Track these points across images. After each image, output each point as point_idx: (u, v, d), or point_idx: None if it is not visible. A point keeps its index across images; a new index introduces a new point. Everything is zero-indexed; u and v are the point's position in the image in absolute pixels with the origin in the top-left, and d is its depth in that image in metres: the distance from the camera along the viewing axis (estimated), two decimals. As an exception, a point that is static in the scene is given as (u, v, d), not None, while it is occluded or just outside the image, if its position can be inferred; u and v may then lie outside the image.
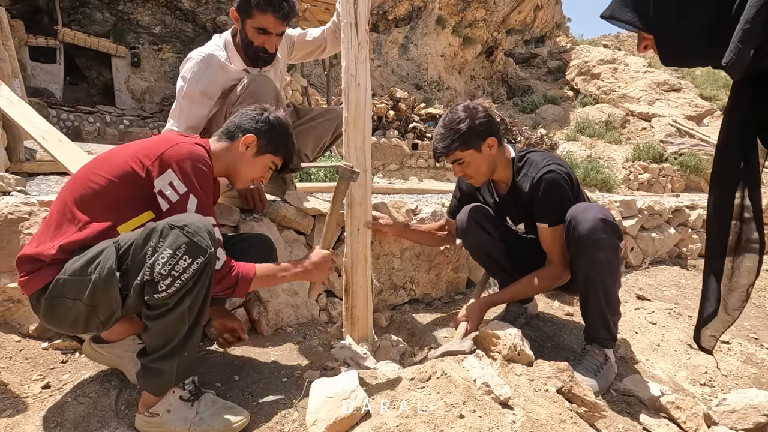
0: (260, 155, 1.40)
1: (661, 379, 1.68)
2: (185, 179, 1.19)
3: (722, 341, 1.97)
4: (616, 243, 1.56)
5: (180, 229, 1.05)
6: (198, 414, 1.19)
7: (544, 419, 1.19)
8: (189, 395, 1.21)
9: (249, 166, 1.40)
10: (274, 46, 1.83)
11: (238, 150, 1.37)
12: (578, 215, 1.56)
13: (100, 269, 1.07)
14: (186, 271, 1.04)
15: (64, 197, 1.20)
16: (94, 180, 1.19)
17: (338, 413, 1.18)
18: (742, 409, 1.34)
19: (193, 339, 1.16)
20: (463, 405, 1.18)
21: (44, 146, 1.88)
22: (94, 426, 1.20)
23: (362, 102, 1.70)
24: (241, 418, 1.20)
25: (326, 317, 1.95)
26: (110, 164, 1.21)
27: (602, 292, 1.57)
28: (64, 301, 1.12)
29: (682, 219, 3.53)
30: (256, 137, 1.38)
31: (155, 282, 1.03)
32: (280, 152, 1.44)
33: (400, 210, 2.16)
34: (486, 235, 1.87)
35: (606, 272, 1.56)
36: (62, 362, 1.48)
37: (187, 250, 1.04)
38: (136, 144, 1.26)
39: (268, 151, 1.41)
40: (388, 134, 8.10)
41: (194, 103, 1.77)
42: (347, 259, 1.71)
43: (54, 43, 10.92)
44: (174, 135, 1.31)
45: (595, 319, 1.62)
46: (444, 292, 2.33)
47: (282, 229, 1.90)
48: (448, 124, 1.66)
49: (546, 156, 1.72)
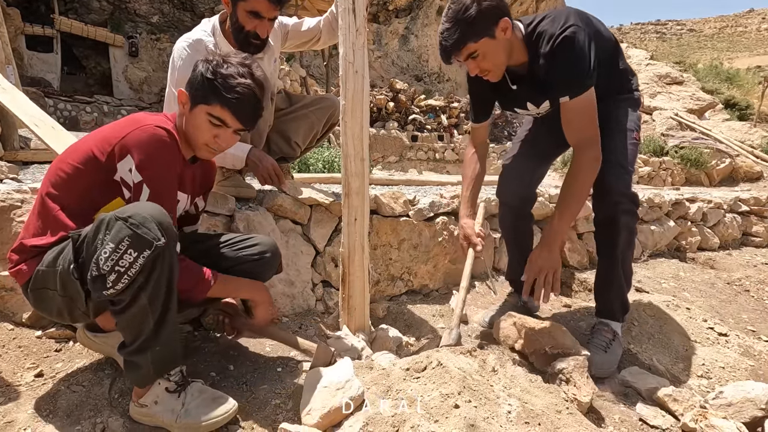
0: (193, 109, 1.19)
1: (659, 370, 1.68)
2: (140, 167, 1.10)
3: (720, 333, 1.96)
4: (635, 212, 1.66)
5: (124, 221, 0.97)
6: (184, 405, 1.16)
7: (539, 409, 1.18)
8: (175, 386, 1.18)
9: (191, 126, 1.21)
10: (266, 32, 1.78)
11: (182, 111, 1.23)
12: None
13: (63, 261, 1.07)
14: (132, 266, 0.96)
15: (42, 187, 1.18)
16: (63, 168, 1.16)
17: (333, 402, 1.17)
18: (738, 402, 1.33)
19: (165, 332, 1.09)
20: (459, 395, 1.17)
21: (36, 133, 1.86)
22: (87, 414, 1.19)
23: (360, 90, 1.67)
24: (229, 407, 1.17)
25: (323, 307, 1.94)
26: (77, 151, 1.17)
27: (621, 264, 1.67)
28: (46, 291, 1.12)
29: (681, 212, 3.51)
30: (187, 92, 1.20)
31: (102, 277, 0.97)
32: (213, 100, 1.16)
33: (398, 200, 2.14)
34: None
35: (626, 244, 1.68)
36: (56, 351, 1.47)
37: (131, 243, 0.96)
38: (105, 128, 1.21)
39: (198, 101, 1.18)
40: (388, 126, 8.06)
41: None
42: (344, 249, 1.69)
43: (51, 32, 10.81)
44: (142, 115, 1.21)
45: (611, 293, 1.72)
46: (441, 284, 2.32)
47: (278, 219, 1.89)
48: (454, 15, 1.45)
49: (558, 20, 1.51)
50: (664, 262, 3.12)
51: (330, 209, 1.98)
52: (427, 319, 1.98)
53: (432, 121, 8.61)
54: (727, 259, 3.42)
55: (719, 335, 1.95)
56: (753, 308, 2.52)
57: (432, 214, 2.24)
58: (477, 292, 2.34)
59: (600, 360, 1.60)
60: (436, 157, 8.39)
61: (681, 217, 3.53)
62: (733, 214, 3.87)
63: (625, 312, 1.76)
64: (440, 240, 2.25)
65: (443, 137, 8.62)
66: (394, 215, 2.12)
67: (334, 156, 4.59)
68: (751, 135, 10.86)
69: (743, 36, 44.37)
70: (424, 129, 8.36)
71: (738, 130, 11.02)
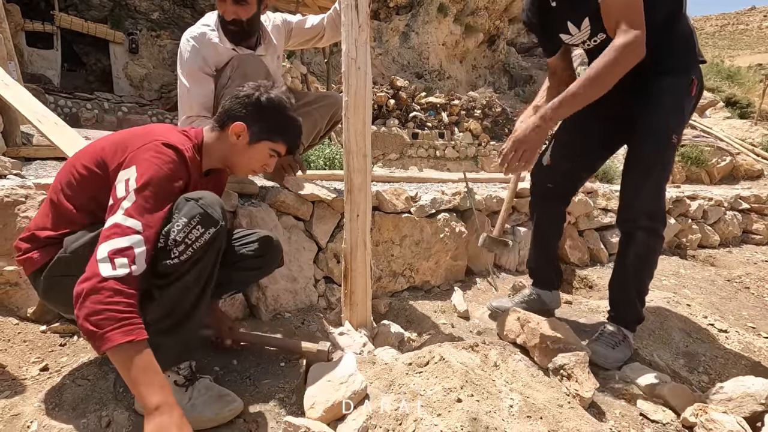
0: (255, 143, 1.27)
1: (659, 366, 1.69)
2: (138, 179, 1.06)
3: (720, 330, 1.97)
4: (657, 230, 1.63)
5: (195, 201, 1.08)
6: (191, 400, 1.17)
7: (541, 404, 1.19)
8: (184, 380, 1.20)
9: (244, 157, 1.29)
10: (231, 13, 1.73)
11: (230, 140, 1.26)
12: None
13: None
14: (198, 240, 1.06)
15: (55, 184, 1.19)
16: (76, 169, 1.16)
17: (336, 396, 1.18)
18: (738, 397, 1.34)
19: (195, 316, 1.14)
20: (461, 389, 1.19)
21: (40, 129, 1.86)
22: (92, 407, 1.20)
23: (362, 86, 1.67)
24: (234, 405, 1.19)
25: (325, 303, 1.95)
26: (91, 153, 1.17)
27: (633, 277, 1.67)
28: (65, 278, 1.11)
29: (682, 209, 3.52)
30: (246, 125, 1.25)
31: (168, 249, 1.05)
32: (278, 138, 1.30)
33: (400, 197, 2.14)
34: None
35: (640, 260, 1.66)
36: (60, 345, 1.48)
37: (201, 220, 1.06)
38: (121, 133, 1.22)
39: (263, 138, 1.27)
40: (389, 123, 8.05)
41: (199, 83, 1.75)
42: (346, 245, 1.70)
43: (51, 28, 10.77)
44: (160, 130, 1.21)
45: (622, 302, 1.72)
46: (443, 280, 2.33)
47: (281, 215, 1.89)
48: None
49: None
50: (665, 260, 3.13)
51: (332, 205, 1.99)
52: (429, 315, 1.99)
53: (433, 119, 8.60)
54: (728, 257, 3.43)
55: (719, 331, 1.96)
56: (753, 305, 2.53)
57: (434, 210, 2.25)
58: (478, 289, 2.35)
59: (606, 353, 1.62)
60: (437, 154, 8.39)
61: (682, 215, 3.54)
62: (734, 212, 3.88)
63: (637, 322, 1.74)
64: (442, 236, 2.25)
65: (444, 135, 8.62)
66: (396, 212, 2.13)
67: (335, 153, 4.59)
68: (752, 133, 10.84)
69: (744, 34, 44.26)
70: (424, 126, 8.36)
71: (739, 128, 11.00)
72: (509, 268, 2.63)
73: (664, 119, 1.57)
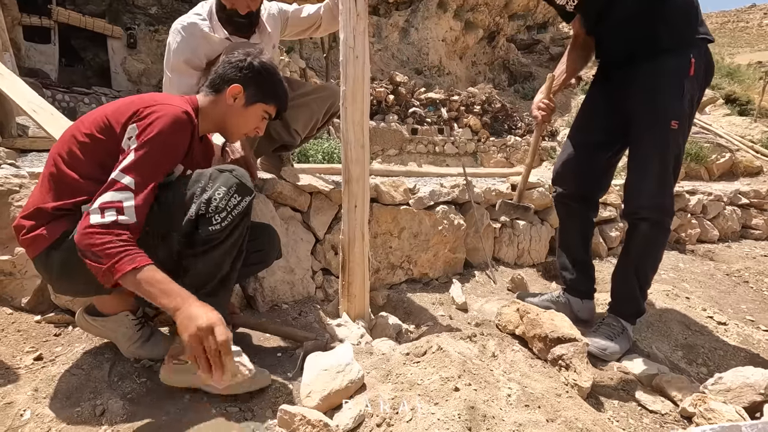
0: (250, 105, 1.32)
1: (658, 358, 1.68)
2: (141, 138, 1.09)
3: (719, 322, 1.96)
4: (662, 223, 1.61)
5: (229, 173, 1.17)
6: None
7: (539, 393, 1.18)
8: None
9: (240, 118, 1.33)
10: (245, 6, 1.72)
11: (226, 103, 1.30)
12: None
13: None
14: (236, 208, 1.15)
15: (52, 157, 1.16)
16: (77, 137, 1.15)
17: (333, 385, 1.17)
18: (738, 387, 1.33)
19: (231, 281, 1.26)
20: (459, 378, 1.17)
21: (35, 119, 1.84)
22: (86, 396, 1.19)
23: (360, 75, 1.65)
24: (265, 373, 1.27)
25: (323, 295, 1.94)
26: (93, 120, 1.16)
27: (635, 269, 1.65)
28: None
29: (681, 204, 3.51)
30: (242, 87, 1.29)
31: (209, 217, 1.12)
32: (271, 100, 1.35)
33: (398, 189, 2.13)
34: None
35: (643, 252, 1.65)
36: (55, 335, 1.46)
37: (238, 189, 1.16)
38: (123, 99, 1.21)
39: (257, 99, 1.32)
40: (388, 119, 8.03)
41: (182, 75, 1.73)
42: (344, 237, 1.69)
43: (48, 23, 10.70)
44: (161, 95, 1.23)
45: (623, 293, 1.70)
46: (441, 273, 2.32)
47: (278, 206, 1.88)
48: None
49: None
50: (664, 254, 3.12)
51: (330, 197, 1.97)
52: (426, 307, 1.98)
53: (432, 114, 8.58)
54: (727, 251, 3.42)
55: (718, 324, 1.96)
56: (752, 299, 2.52)
57: (432, 202, 2.24)
58: (477, 281, 2.34)
59: (604, 344, 1.61)
60: (436, 150, 8.37)
61: (681, 209, 3.53)
62: (733, 207, 3.87)
63: (637, 315, 1.72)
64: (440, 229, 2.24)
65: (443, 130, 8.60)
66: (394, 203, 2.11)
67: (334, 147, 4.57)
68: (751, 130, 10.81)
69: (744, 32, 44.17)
70: (424, 122, 8.34)
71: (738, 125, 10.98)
72: (508, 261, 2.62)
73: (661, 105, 1.51)
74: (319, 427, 1.03)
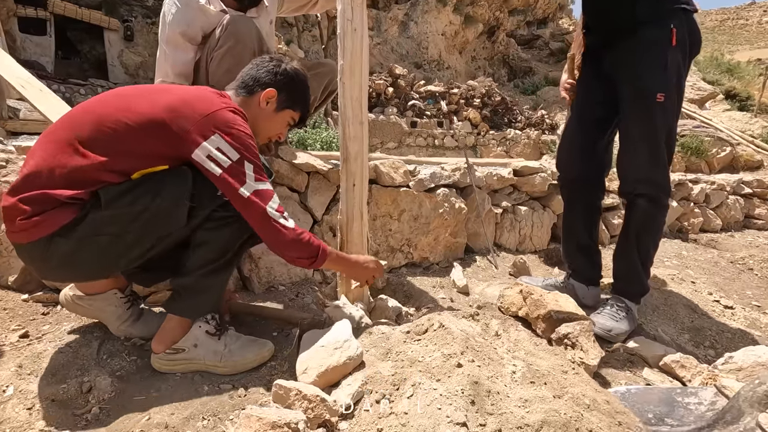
0: (281, 111, 1.33)
1: (664, 340, 1.64)
2: (236, 146, 1.11)
3: (726, 306, 1.92)
4: (658, 198, 1.59)
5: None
6: (227, 347, 1.22)
7: (545, 370, 1.14)
8: (215, 330, 1.23)
9: (269, 122, 1.33)
10: None
11: (258, 106, 1.29)
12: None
13: (166, 196, 1.07)
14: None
15: (61, 137, 1.05)
16: (108, 124, 1.05)
17: (330, 361, 1.12)
18: (749, 366, 1.29)
19: (239, 258, 1.31)
20: (461, 355, 1.13)
21: (23, 95, 1.78)
22: (73, 373, 1.14)
23: (359, 48, 1.60)
24: (269, 346, 1.28)
25: (320, 277, 1.89)
26: (133, 111, 1.07)
27: (636, 246, 1.62)
28: (98, 239, 1.04)
29: (684, 193, 3.47)
30: (276, 92, 1.29)
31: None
32: (299, 107, 1.38)
33: (398, 170, 2.08)
34: None
35: (642, 228, 1.62)
36: (43, 314, 1.42)
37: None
38: (165, 94, 1.13)
39: (287, 106, 1.34)
40: (387, 112, 7.96)
41: (177, 48, 1.67)
42: (342, 216, 1.64)
43: (44, 14, 10.59)
44: (209, 93, 1.19)
45: (626, 273, 1.68)
46: (442, 257, 2.27)
47: (275, 186, 1.82)
48: None
49: None
50: (666, 242, 3.08)
51: (328, 177, 1.92)
52: (427, 290, 1.93)
53: (431, 107, 8.51)
54: (730, 240, 3.39)
55: (725, 308, 1.92)
56: (757, 285, 2.48)
57: (433, 185, 2.18)
58: (478, 266, 2.29)
59: (610, 324, 1.57)
60: (435, 143, 8.30)
61: (684, 198, 3.49)
62: (736, 197, 3.83)
63: (641, 294, 1.70)
64: (441, 212, 2.19)
65: (443, 123, 8.53)
66: (393, 185, 2.06)
67: (332, 137, 4.52)
68: (751, 125, 10.78)
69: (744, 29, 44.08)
70: (423, 115, 8.27)
71: (738, 120, 10.96)
72: (509, 247, 2.57)
73: (644, 79, 1.49)
74: (315, 402, 0.99)
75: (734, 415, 0.99)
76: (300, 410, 0.97)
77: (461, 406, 0.96)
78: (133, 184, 1.06)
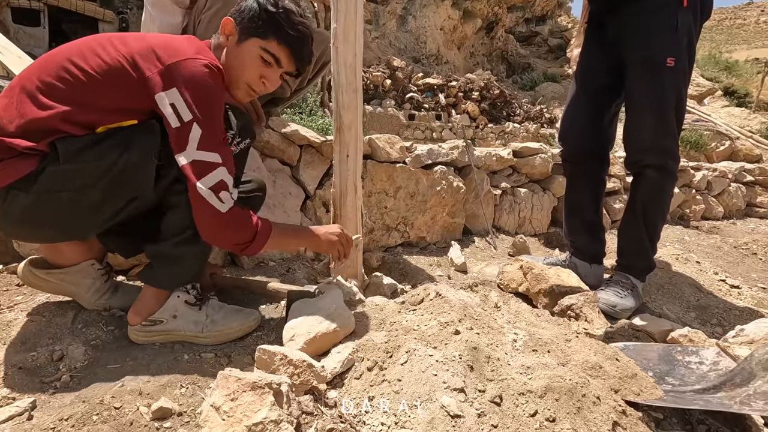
0: (243, 41, 1.06)
1: (670, 318, 1.58)
2: (190, 105, 0.96)
3: (732, 285, 1.86)
4: (667, 167, 1.52)
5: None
6: (208, 317, 1.15)
7: (548, 338, 1.07)
8: (195, 300, 1.15)
9: (236, 61, 1.08)
10: None
11: (222, 44, 1.09)
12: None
13: (134, 151, 0.97)
14: (239, 144, 1.13)
15: (24, 84, 0.97)
16: (69, 69, 0.96)
17: (319, 328, 1.05)
18: (762, 338, 1.23)
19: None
20: (459, 322, 1.06)
21: (1, 61, 1.70)
22: (44, 342, 1.07)
23: (353, 11, 1.52)
24: (256, 314, 1.21)
25: (313, 253, 1.81)
26: (95, 55, 0.97)
27: (644, 220, 1.56)
28: (59, 195, 0.95)
29: (686, 179, 3.41)
30: (233, 19, 1.07)
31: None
32: (270, 34, 1.06)
33: (394, 146, 2.01)
34: None
35: (650, 200, 1.56)
36: (17, 285, 1.34)
37: (244, 129, 1.14)
38: (131, 41, 1.02)
39: (252, 34, 1.06)
40: (385, 104, 7.88)
41: (164, 10, 1.59)
42: (335, 189, 1.56)
43: (37, 5, 10.46)
44: (180, 42, 1.04)
45: (632, 248, 1.61)
46: (439, 237, 2.20)
47: (265, 158, 1.75)
48: None
49: None
50: (668, 228, 3.03)
51: (321, 150, 1.85)
52: (423, 269, 1.86)
53: (430, 100, 8.44)
54: (732, 228, 3.33)
55: (731, 287, 1.86)
56: (761, 269, 2.43)
57: (430, 161, 2.11)
58: (476, 247, 2.23)
59: (614, 300, 1.50)
60: (434, 136, 8.23)
61: (686, 185, 3.43)
62: (738, 184, 3.78)
63: (647, 271, 1.64)
64: (438, 189, 2.12)
65: (441, 116, 8.46)
66: (389, 161, 1.99)
67: (328, 125, 4.45)
68: (750, 121, 10.76)
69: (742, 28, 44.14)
70: (421, 108, 8.19)
71: (737, 116, 10.93)
72: (508, 230, 2.51)
73: (653, 43, 1.43)
74: (302, 368, 0.91)
75: (744, 377, 0.93)
76: (285, 375, 0.89)
77: (459, 372, 0.89)
78: (98, 138, 0.96)
